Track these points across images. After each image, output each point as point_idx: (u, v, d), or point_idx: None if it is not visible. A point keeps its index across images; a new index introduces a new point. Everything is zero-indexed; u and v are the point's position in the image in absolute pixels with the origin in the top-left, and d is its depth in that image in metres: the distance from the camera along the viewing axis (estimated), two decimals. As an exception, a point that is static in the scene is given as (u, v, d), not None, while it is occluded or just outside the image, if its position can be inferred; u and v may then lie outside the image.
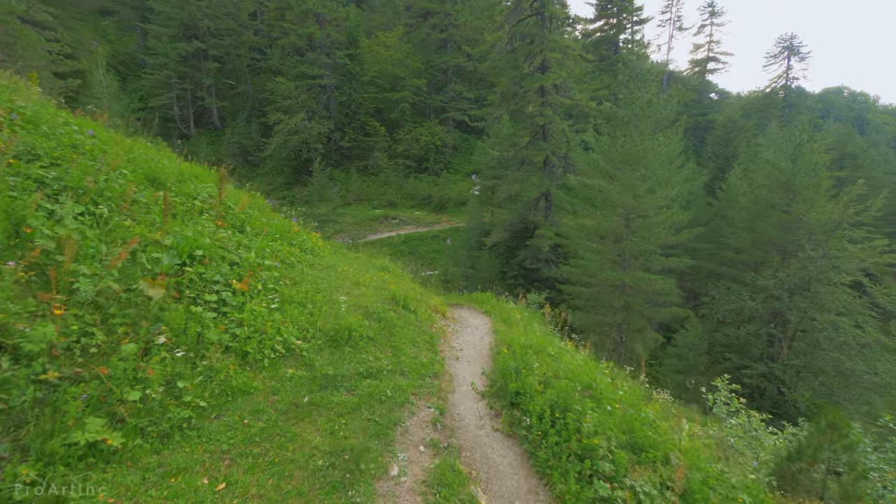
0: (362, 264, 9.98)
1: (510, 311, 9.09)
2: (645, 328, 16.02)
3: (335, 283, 6.71)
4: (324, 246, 9.62)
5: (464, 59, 40.35)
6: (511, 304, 10.03)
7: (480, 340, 6.72)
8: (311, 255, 8.03)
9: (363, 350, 4.75)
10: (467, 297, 13.45)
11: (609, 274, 14.91)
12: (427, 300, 7.62)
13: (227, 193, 8.12)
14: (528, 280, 28.09)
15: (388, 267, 10.08)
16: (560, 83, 25.08)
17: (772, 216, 24.10)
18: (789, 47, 54.88)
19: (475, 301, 11.74)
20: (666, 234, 15.15)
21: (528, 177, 27.58)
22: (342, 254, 11.06)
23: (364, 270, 8.74)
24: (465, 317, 9.16)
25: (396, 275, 9.61)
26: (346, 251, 12.36)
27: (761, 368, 22.15)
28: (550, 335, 8.72)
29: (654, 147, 14.75)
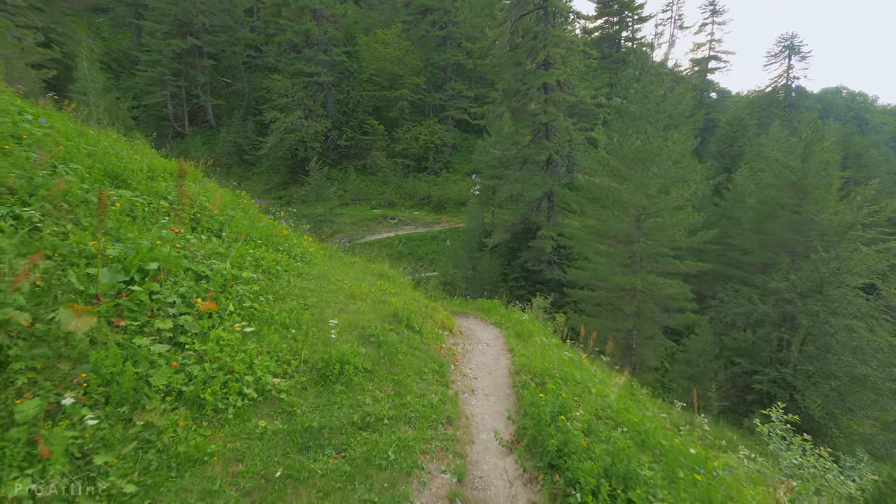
0: (359, 271, 8.98)
1: (522, 323, 8.11)
2: (657, 335, 15.09)
3: (327, 297, 5.70)
4: (316, 251, 8.61)
5: (463, 57, 39.34)
6: (524, 316, 9.04)
7: (495, 363, 5.73)
8: (300, 263, 7.02)
9: (358, 387, 3.76)
10: (472, 304, 12.47)
11: (620, 278, 13.95)
12: (432, 314, 6.63)
13: (204, 192, 7.10)
14: (530, 282, 27.14)
15: (388, 273, 9.08)
16: (564, 80, 24.11)
17: (781, 217, 23.23)
18: (790, 46, 54.12)
19: (482, 309, 10.75)
20: (681, 236, 14.21)
21: (530, 176, 26.61)
22: (337, 259, 10.05)
23: (361, 279, 7.73)
24: (474, 329, 8.17)
25: (397, 283, 8.61)
26: (342, 255, 11.35)
27: (772, 374, 21.25)
28: (571, 351, 7.74)
29: (668, 144, 13.79)
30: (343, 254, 12.26)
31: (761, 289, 22.94)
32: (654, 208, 14.47)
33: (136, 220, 4.99)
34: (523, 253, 27.25)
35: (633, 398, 5.91)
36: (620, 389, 5.90)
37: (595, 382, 5.44)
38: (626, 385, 6.79)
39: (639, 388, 9.98)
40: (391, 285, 8.04)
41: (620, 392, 5.60)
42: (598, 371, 7.07)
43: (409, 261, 31.88)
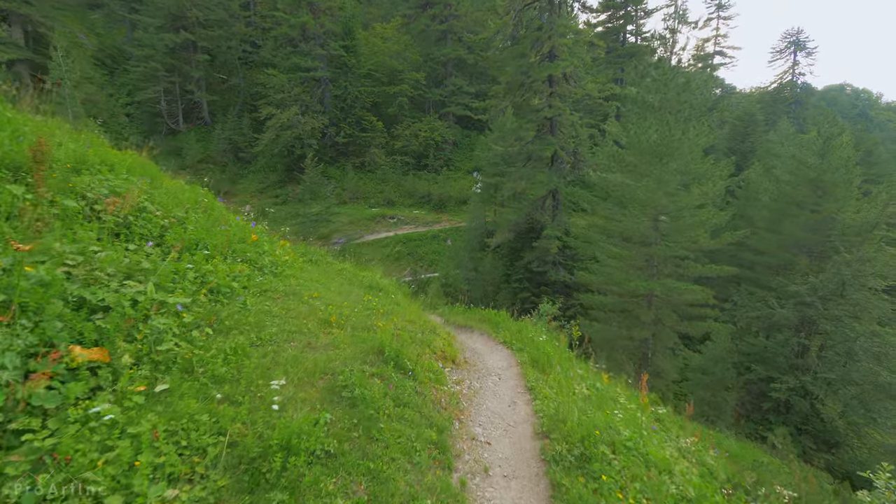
0: (345, 281, 7.57)
1: (538, 346, 6.71)
2: (677, 345, 13.70)
3: (293, 325, 4.31)
4: (295, 259, 7.21)
5: (465, 52, 37.82)
6: (539, 335, 7.61)
7: (513, 411, 4.34)
8: (268, 276, 5.61)
9: (311, 492, 2.37)
10: (477, 313, 11.07)
11: (637, 283, 12.55)
12: (431, 340, 5.24)
13: (150, 188, 5.69)
14: (534, 284, 25.75)
15: (380, 284, 7.67)
16: (570, 72, 22.65)
17: (799, 216, 21.80)
18: (795, 42, 52.57)
19: (488, 322, 9.36)
20: (703, 238, 12.81)
21: (534, 174, 25.18)
22: (322, 267, 8.65)
23: (346, 293, 6.33)
24: (480, 352, 6.78)
25: (390, 296, 7.21)
26: (331, 261, 9.95)
27: (791, 382, 19.85)
28: (601, 379, 6.34)
29: (689, 137, 12.36)
30: (333, 258, 10.88)
31: (778, 291, 21.54)
32: (674, 207, 13.05)
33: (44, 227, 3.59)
34: (527, 253, 25.84)
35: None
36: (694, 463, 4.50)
37: (652, 446, 4.04)
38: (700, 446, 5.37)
39: (674, 416, 8.61)
40: (382, 300, 6.64)
41: (694, 466, 4.21)
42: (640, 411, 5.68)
43: (408, 261, 30.50)
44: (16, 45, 34.45)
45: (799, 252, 22.25)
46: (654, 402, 10.06)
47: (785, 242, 22.42)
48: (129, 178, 5.49)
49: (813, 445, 19.73)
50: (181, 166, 38.06)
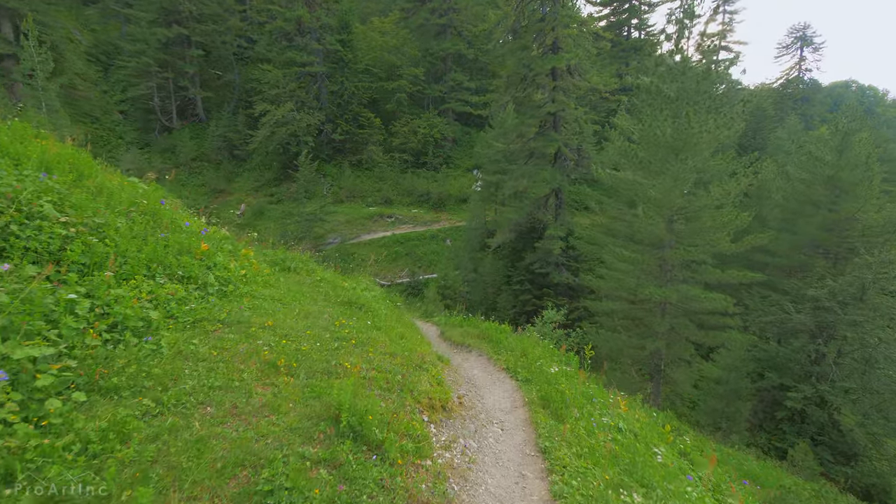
0: (320, 296, 6.39)
1: (549, 379, 5.51)
2: (693, 357, 12.53)
3: (221, 376, 3.12)
4: (258, 271, 6.02)
5: (465, 46, 36.49)
6: (552, 365, 6.38)
7: (521, 491, 3.15)
8: (212, 298, 4.43)
9: None
10: (475, 326, 9.88)
11: (650, 290, 11.34)
12: (415, 382, 4.05)
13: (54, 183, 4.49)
14: (536, 286, 24.56)
15: (361, 299, 6.47)
16: (574, 65, 21.38)
17: (815, 215, 20.55)
18: (802, 37, 51.13)
19: (487, 339, 8.18)
20: (724, 241, 11.60)
21: (536, 171, 23.94)
22: (297, 278, 7.48)
23: (314, 315, 5.14)
24: (479, 384, 5.61)
25: (372, 315, 6.01)
26: (312, 268, 8.77)
27: (807, 391, 18.65)
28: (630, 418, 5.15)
29: (709, 130, 11.13)
30: (316, 265, 9.70)
31: (792, 295, 20.34)
32: (692, 207, 11.83)
33: None
34: (529, 254, 24.65)
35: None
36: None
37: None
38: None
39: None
40: (360, 322, 5.45)
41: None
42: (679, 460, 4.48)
43: (406, 262, 29.31)
44: (3, 40, 33.29)
45: (815, 253, 21.04)
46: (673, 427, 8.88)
47: (799, 243, 21.19)
48: (34, 174, 4.29)
49: (830, 457, 18.50)
50: (175, 164, 36.92)
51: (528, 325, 14.99)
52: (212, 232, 6.54)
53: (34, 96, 15.73)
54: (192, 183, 35.76)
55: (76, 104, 37.21)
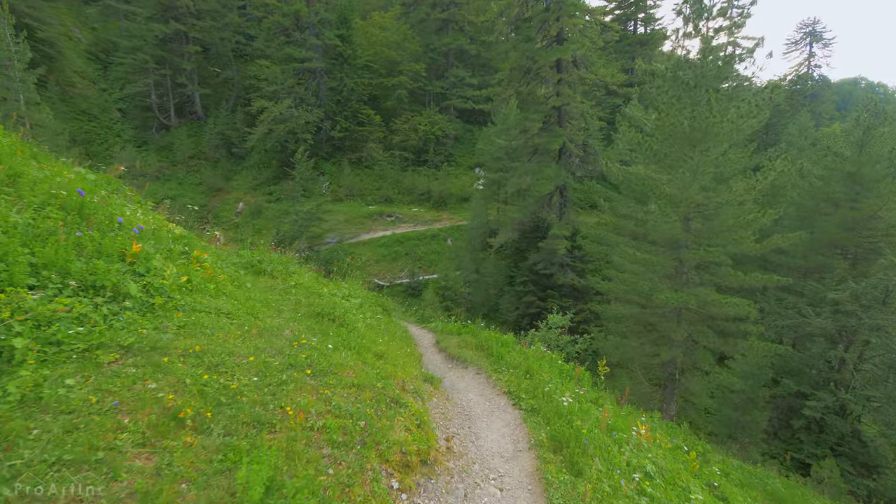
0: (290, 307, 5.35)
1: (560, 410, 4.45)
2: (713, 368, 11.42)
3: (83, 437, 2.09)
4: (212, 275, 5.00)
5: (467, 42, 35.38)
6: (564, 395, 5.27)
7: None
8: (125, 316, 3.40)
9: None
10: (474, 334, 8.84)
11: (667, 295, 10.25)
12: (385, 431, 3.00)
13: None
14: (540, 287, 23.46)
15: (339, 312, 5.40)
16: (580, 56, 20.24)
17: (834, 214, 19.33)
18: (811, 33, 49.61)
19: (487, 352, 7.13)
20: (748, 241, 10.48)
21: (540, 168, 22.86)
22: (269, 283, 6.46)
23: (269, 333, 4.11)
24: (474, 415, 4.55)
25: (347, 333, 4.96)
26: (291, 271, 7.75)
27: (827, 399, 17.45)
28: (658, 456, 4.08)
29: (731, 119, 10.02)
30: (297, 266, 8.68)
31: (810, 297, 19.15)
32: (712, 204, 10.72)
33: None
34: (532, 254, 23.57)
35: None
36: None
37: None
38: None
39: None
40: (332, 339, 4.42)
41: None
42: None
43: (406, 262, 28.30)
44: (0, 37, 32.49)
45: (833, 253, 19.84)
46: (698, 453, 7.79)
47: (817, 243, 19.97)
48: None
49: (851, 469, 17.28)
50: (172, 162, 36.08)
51: (532, 331, 13.93)
52: (163, 229, 5.53)
53: (11, 88, 14.82)
54: (190, 181, 34.89)
55: (73, 101, 36.44)
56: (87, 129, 36.25)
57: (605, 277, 21.99)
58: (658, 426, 8.82)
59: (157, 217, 6.30)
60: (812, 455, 17.86)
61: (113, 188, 6.81)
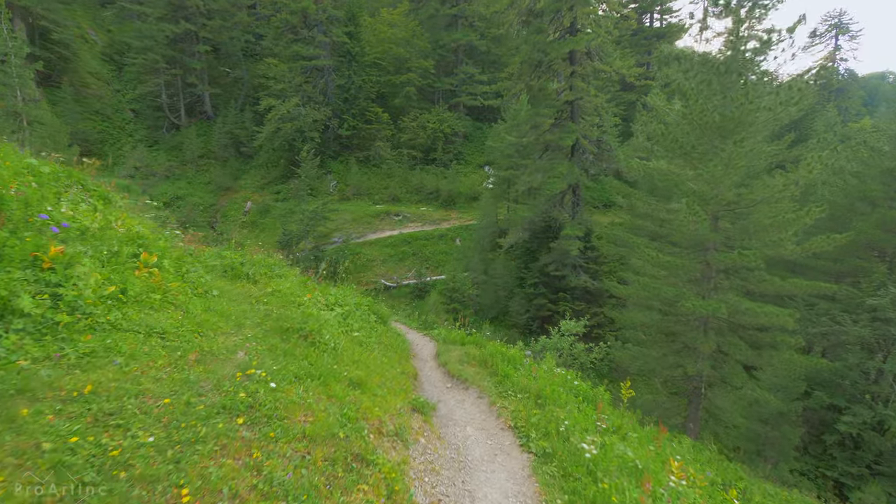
0: (251, 322, 4.48)
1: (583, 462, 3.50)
2: (745, 384, 10.29)
3: None
4: (160, 283, 4.16)
5: (476, 38, 34.36)
6: (585, 440, 4.29)
7: None
8: (8, 342, 2.56)
9: None
10: (477, 345, 7.91)
11: (694, 302, 9.16)
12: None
13: None
14: (551, 289, 22.37)
15: (314, 325, 4.52)
16: (595, 47, 19.10)
17: (871, 213, 17.87)
18: (837, 25, 47.31)
19: (491, 369, 6.19)
20: (788, 243, 9.33)
21: (552, 166, 21.77)
22: (237, 292, 5.63)
23: (213, 359, 3.24)
24: (471, 460, 3.63)
25: (318, 354, 4.09)
26: (279, 273, 6.93)
27: (864, 414, 16.04)
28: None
29: (770, 107, 8.89)
30: (286, 269, 7.86)
31: (844, 303, 17.73)
32: (744, 202, 9.59)
33: None
34: (543, 255, 22.50)
35: None
36: None
37: None
38: None
39: None
40: (297, 362, 3.54)
41: None
42: None
43: (413, 262, 27.45)
44: (15, 39, 32.62)
45: (870, 256, 18.37)
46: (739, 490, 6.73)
47: (852, 244, 18.49)
48: None
49: (893, 490, 15.85)
50: (182, 162, 35.87)
51: (543, 338, 12.93)
52: (112, 228, 4.73)
53: (8, 84, 14.37)
54: (199, 181, 34.62)
55: (86, 102, 36.51)
56: (99, 130, 36.29)
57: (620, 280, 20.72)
58: (686, 452, 7.77)
59: (117, 214, 5.52)
60: (847, 474, 16.48)
61: (74, 181, 6.07)
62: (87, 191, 5.93)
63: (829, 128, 30.86)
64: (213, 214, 32.69)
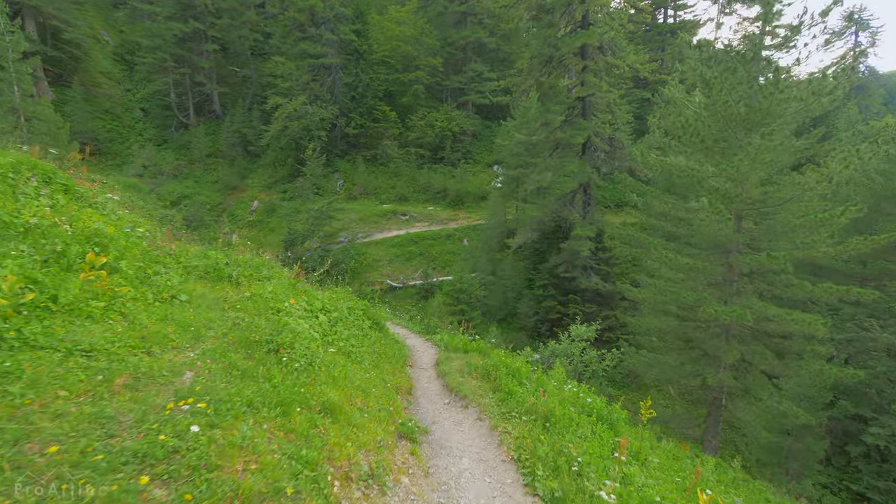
0: (213, 334, 3.88)
1: None
2: (771, 396, 9.46)
3: None
4: (106, 287, 3.58)
5: (486, 35, 33.63)
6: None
7: None
8: None
9: None
10: (481, 353, 7.26)
11: (716, 308, 8.38)
12: None
13: None
14: (561, 291, 21.57)
15: (286, 338, 3.90)
16: (608, 41, 18.27)
17: (899, 213, 16.77)
18: (857, 21, 45.54)
19: (495, 384, 5.52)
20: (822, 244, 8.48)
21: (562, 164, 20.98)
22: (213, 296, 5.06)
23: (135, 387, 2.65)
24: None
25: (284, 375, 3.47)
26: (264, 276, 6.37)
27: (893, 425, 14.99)
28: None
29: (801, 97, 8.06)
30: (276, 270, 7.29)
31: (870, 308, 16.68)
32: (771, 200, 8.77)
33: None
34: (553, 256, 21.71)
35: None
36: None
37: None
38: None
39: None
40: (257, 385, 2.92)
41: None
42: None
43: (420, 262, 26.84)
44: (27, 39, 32.74)
45: (898, 259, 17.23)
46: None
47: (881, 246, 17.36)
48: None
49: (924, 508, 14.79)
50: (190, 161, 35.74)
51: (553, 343, 12.21)
52: (57, 224, 4.16)
53: (5, 79, 14.06)
54: (206, 180, 34.44)
55: (97, 101, 36.59)
56: (109, 129, 36.32)
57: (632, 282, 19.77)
58: (710, 473, 7.01)
59: (76, 209, 4.97)
60: (873, 487, 15.47)
61: (37, 172, 5.54)
62: (50, 184, 5.40)
63: (850, 126, 29.51)
64: (220, 214, 32.48)
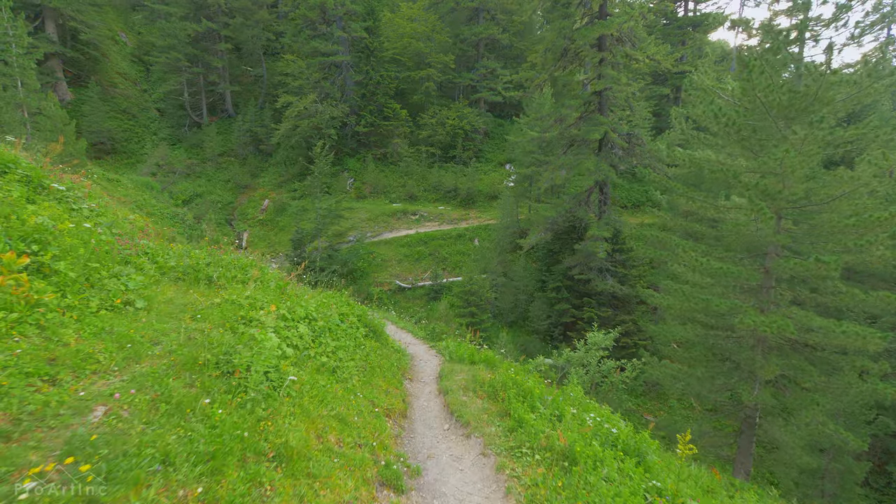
0: (157, 352, 3.17)
1: None
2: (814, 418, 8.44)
3: None
4: (26, 294, 2.91)
5: (498, 31, 32.74)
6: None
7: None
8: None
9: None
10: (488, 365, 6.48)
11: (753, 318, 7.43)
12: None
13: None
14: (575, 294, 20.62)
15: (241, 360, 3.20)
16: (627, 30, 17.26)
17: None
18: (889, 14, 43.22)
19: (503, 406, 4.74)
20: (880, 246, 7.46)
21: (577, 162, 19.99)
22: (182, 301, 4.38)
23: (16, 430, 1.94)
24: None
25: (233, 415, 2.76)
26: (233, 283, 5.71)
27: (941, 445, 13.65)
28: None
29: (859, 79, 7.05)
30: (265, 271, 6.64)
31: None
32: (816, 198, 7.77)
33: None
34: (567, 257, 20.77)
35: None
36: None
37: None
38: None
39: None
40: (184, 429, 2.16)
41: None
42: None
43: (429, 263, 26.12)
44: (47, 40, 33.07)
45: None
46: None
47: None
48: None
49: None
50: (202, 160, 35.73)
51: (568, 351, 11.33)
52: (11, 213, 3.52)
53: (9, 74, 13.83)
54: (218, 178, 34.36)
55: (113, 101, 36.90)
56: (125, 128, 36.56)
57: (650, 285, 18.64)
58: None
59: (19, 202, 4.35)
60: (915, 511, 14.24)
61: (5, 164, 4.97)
62: (7, 174, 4.80)
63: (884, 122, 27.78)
64: (232, 212, 32.33)
